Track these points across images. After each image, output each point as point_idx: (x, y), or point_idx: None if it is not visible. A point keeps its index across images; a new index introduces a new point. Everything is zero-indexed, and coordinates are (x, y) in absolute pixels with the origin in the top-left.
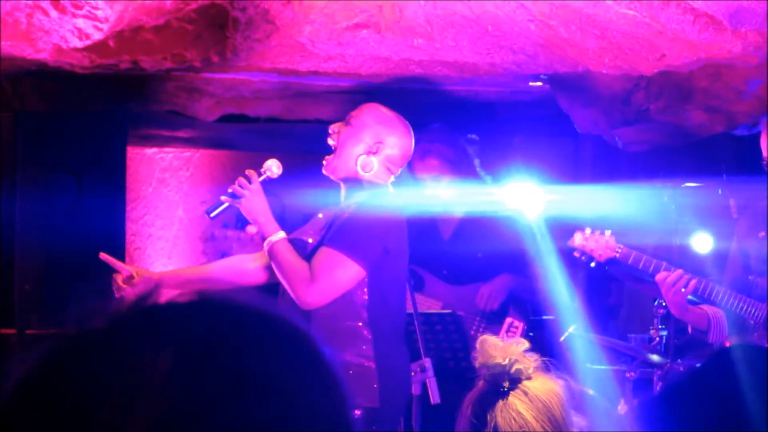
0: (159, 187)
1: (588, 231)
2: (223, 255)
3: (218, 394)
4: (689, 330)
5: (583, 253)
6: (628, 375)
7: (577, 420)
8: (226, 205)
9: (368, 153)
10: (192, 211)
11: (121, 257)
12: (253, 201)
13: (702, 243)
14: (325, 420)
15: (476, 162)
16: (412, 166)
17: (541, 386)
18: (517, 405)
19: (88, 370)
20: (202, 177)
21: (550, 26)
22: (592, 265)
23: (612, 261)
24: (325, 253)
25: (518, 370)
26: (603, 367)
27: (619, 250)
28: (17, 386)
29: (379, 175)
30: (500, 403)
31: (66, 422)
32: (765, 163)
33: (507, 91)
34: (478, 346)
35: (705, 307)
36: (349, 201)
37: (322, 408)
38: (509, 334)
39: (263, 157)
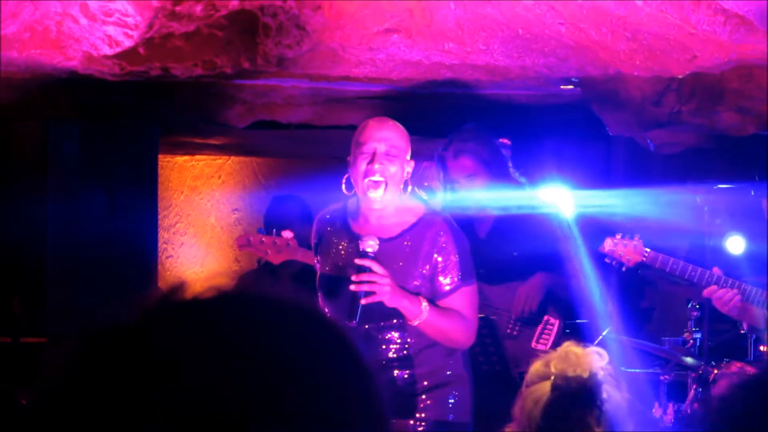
0: (190, 194)
1: (618, 237)
2: (259, 261)
3: (248, 388)
4: (745, 328)
5: (612, 258)
6: (662, 378)
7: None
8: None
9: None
10: (224, 219)
11: (153, 265)
12: (395, 291)
13: (735, 244)
14: (360, 416)
15: (509, 164)
16: (446, 166)
17: (612, 399)
18: (589, 419)
19: (117, 367)
20: (233, 184)
21: (581, 28)
22: (624, 269)
23: (641, 265)
24: (468, 293)
25: (597, 385)
26: (637, 370)
27: (646, 254)
28: (48, 383)
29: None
30: (574, 414)
31: (96, 418)
32: None
33: (538, 95)
34: (561, 352)
35: None
36: (410, 222)
37: (357, 404)
38: (546, 331)
39: (295, 163)
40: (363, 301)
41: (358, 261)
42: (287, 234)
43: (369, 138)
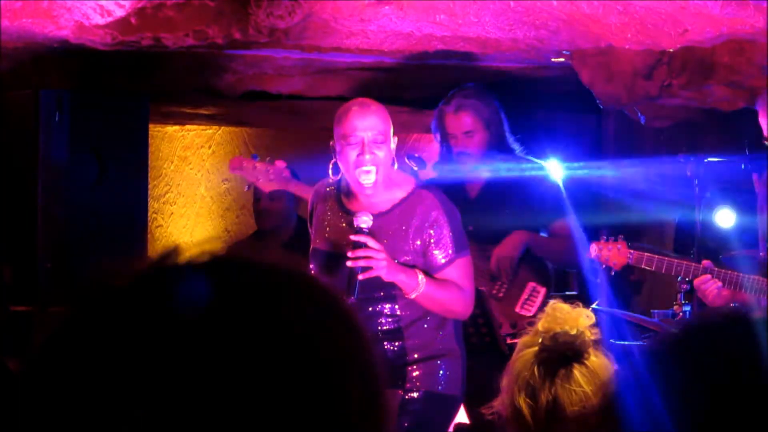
0: (180, 164)
1: (602, 240)
2: (248, 186)
3: (243, 353)
4: None
5: (600, 263)
6: None
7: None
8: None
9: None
10: (213, 189)
11: (143, 235)
12: (392, 266)
13: (725, 217)
14: (357, 386)
15: (506, 129)
16: (444, 121)
17: (600, 362)
18: (578, 377)
19: (109, 330)
20: (223, 154)
21: (573, 1)
22: (612, 273)
23: (627, 268)
24: (463, 264)
25: (584, 342)
26: (626, 342)
27: (630, 256)
28: (41, 348)
29: None
30: (562, 372)
31: (89, 381)
32: (766, 140)
33: (529, 67)
34: (548, 309)
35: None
36: (400, 197)
37: (354, 373)
38: (531, 298)
39: (285, 134)
40: (360, 277)
41: (353, 237)
42: (281, 163)
43: (354, 128)
